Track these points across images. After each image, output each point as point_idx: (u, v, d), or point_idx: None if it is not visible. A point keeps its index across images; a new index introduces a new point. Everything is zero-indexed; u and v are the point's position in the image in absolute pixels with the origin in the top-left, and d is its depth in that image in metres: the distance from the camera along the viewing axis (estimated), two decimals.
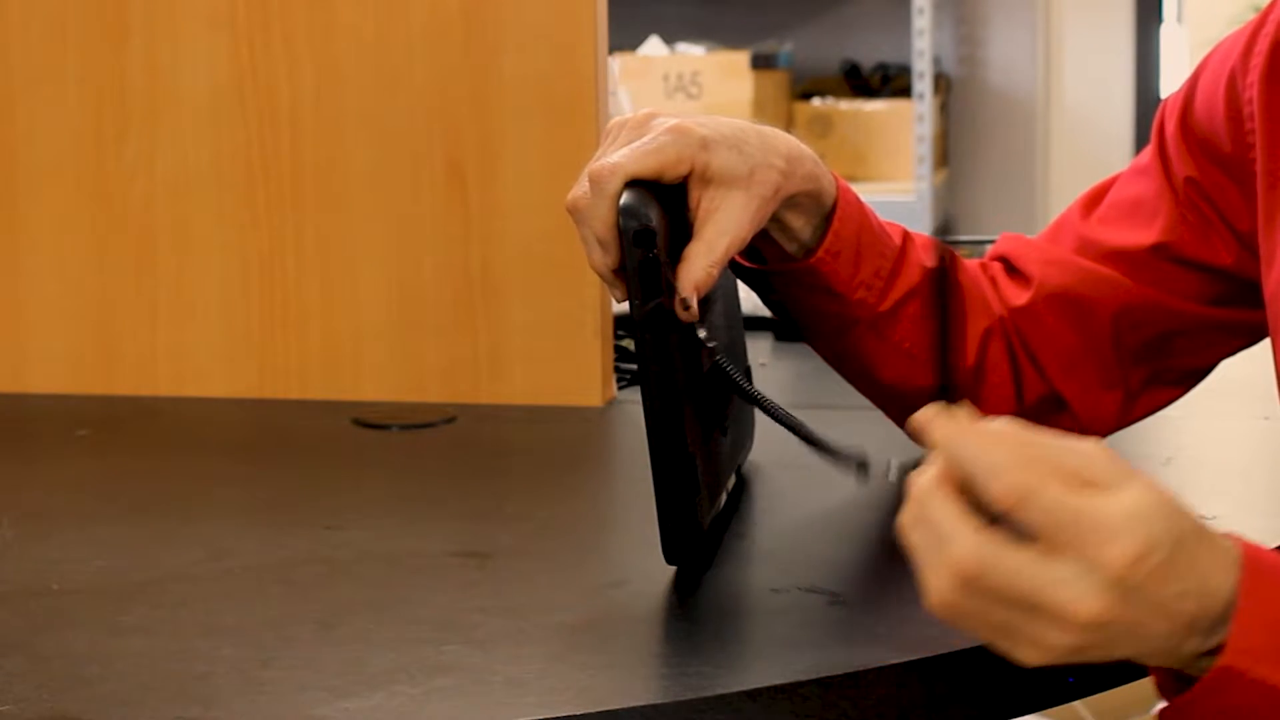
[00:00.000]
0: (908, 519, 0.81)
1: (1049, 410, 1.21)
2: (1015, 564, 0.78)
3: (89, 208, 1.55)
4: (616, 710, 0.85)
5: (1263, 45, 1.10)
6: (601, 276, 1.06)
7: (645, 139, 1.06)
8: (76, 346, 1.56)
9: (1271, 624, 0.81)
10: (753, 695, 0.87)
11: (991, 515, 0.79)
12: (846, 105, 4.16)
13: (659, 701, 0.86)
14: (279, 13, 1.51)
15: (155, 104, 1.54)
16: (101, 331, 1.56)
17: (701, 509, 1.03)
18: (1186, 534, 0.80)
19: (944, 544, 0.79)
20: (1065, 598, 0.77)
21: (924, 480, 0.81)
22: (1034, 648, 0.79)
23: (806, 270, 1.15)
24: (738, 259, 1.18)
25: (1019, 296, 1.22)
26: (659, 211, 1.02)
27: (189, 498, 1.28)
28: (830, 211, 1.14)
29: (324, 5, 1.51)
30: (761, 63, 4.06)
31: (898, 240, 1.19)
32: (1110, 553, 0.77)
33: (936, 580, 0.80)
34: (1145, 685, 0.91)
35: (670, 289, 1.02)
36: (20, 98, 1.56)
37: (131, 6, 1.53)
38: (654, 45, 4.13)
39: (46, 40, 1.55)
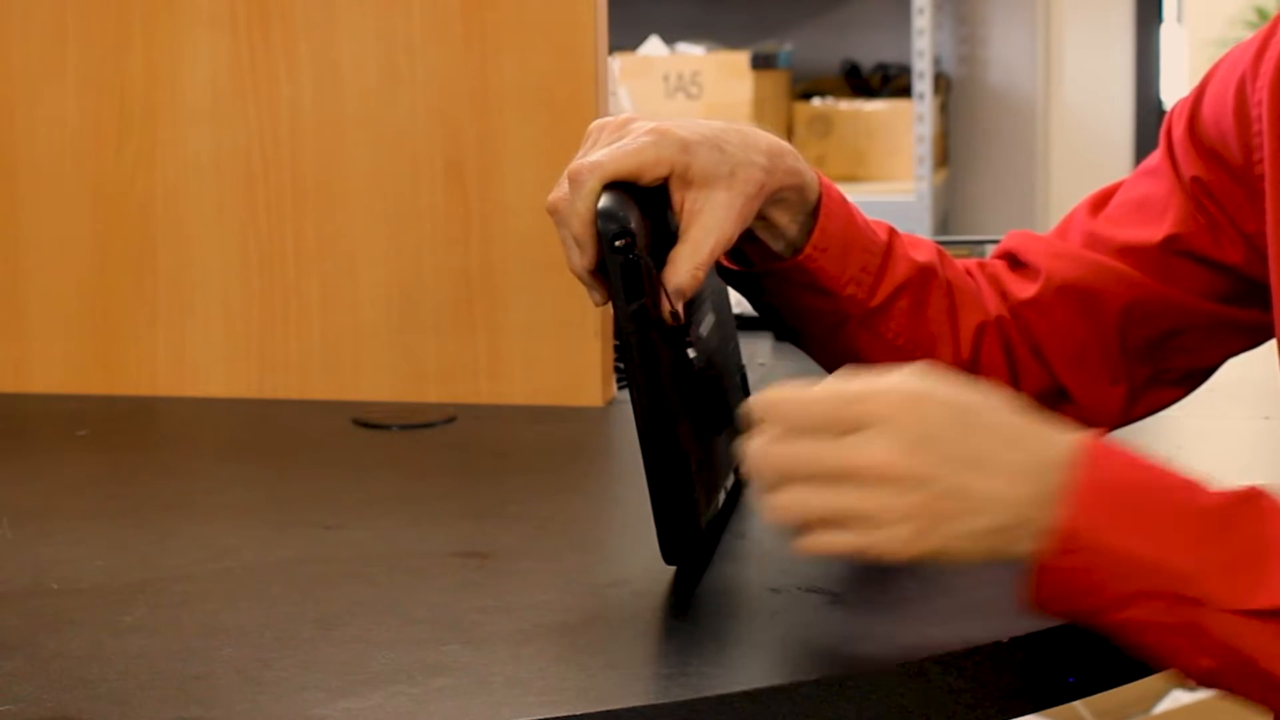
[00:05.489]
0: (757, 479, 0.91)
1: (1052, 402, 1.21)
2: (817, 447, 0.89)
3: (89, 208, 1.55)
4: (616, 710, 0.85)
5: (1273, 52, 1.10)
6: (580, 278, 1.06)
7: (624, 141, 1.06)
8: (76, 346, 1.56)
9: (1110, 491, 0.88)
10: (753, 695, 0.87)
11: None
12: (846, 105, 4.16)
13: (659, 701, 0.86)
14: (279, 13, 1.51)
15: (155, 104, 1.54)
16: (101, 331, 1.56)
17: (698, 508, 1.03)
18: (981, 403, 0.89)
19: (763, 459, 0.90)
20: (865, 456, 0.87)
21: (753, 443, 0.91)
22: (884, 531, 0.87)
23: (795, 268, 1.15)
24: (725, 263, 1.18)
25: (1026, 289, 1.22)
26: (638, 214, 1.02)
27: (189, 498, 1.28)
28: (815, 207, 1.15)
29: (324, 5, 1.51)
30: (761, 63, 4.06)
31: (884, 236, 1.19)
32: (884, 404, 0.87)
33: (767, 483, 0.90)
34: (1145, 685, 0.91)
35: (655, 292, 1.02)
36: (20, 98, 1.56)
37: (131, 6, 1.53)
38: (654, 45, 4.13)
39: (46, 40, 1.55)
